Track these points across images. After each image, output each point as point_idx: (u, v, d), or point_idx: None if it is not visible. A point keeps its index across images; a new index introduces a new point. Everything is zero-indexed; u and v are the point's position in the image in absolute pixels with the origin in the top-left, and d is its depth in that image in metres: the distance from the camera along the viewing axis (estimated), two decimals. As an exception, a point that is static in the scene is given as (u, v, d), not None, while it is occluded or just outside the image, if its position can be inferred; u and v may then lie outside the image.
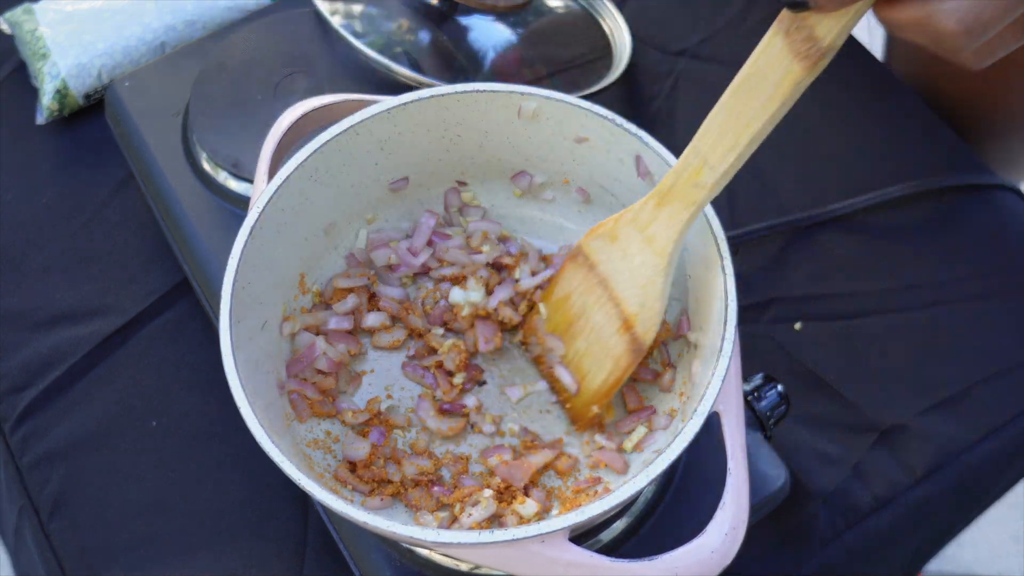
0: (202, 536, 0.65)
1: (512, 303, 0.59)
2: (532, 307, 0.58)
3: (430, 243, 0.61)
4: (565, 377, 0.56)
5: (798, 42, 0.41)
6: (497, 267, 0.61)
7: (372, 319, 0.59)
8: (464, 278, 0.60)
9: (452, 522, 0.53)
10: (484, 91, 0.56)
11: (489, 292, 0.59)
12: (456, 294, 0.59)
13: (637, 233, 0.51)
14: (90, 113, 0.82)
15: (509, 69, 0.75)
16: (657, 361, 0.58)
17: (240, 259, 0.51)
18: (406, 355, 0.59)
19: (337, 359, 0.57)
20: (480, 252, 0.61)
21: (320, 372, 0.57)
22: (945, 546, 0.81)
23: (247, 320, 0.51)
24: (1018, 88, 0.87)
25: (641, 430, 0.55)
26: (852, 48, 0.85)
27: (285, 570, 0.64)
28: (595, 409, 0.55)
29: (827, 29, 0.40)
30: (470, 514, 0.52)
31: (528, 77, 0.75)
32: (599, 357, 0.55)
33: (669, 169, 0.53)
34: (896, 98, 0.83)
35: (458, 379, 0.57)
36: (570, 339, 0.56)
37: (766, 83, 0.43)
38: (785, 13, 0.41)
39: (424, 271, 0.61)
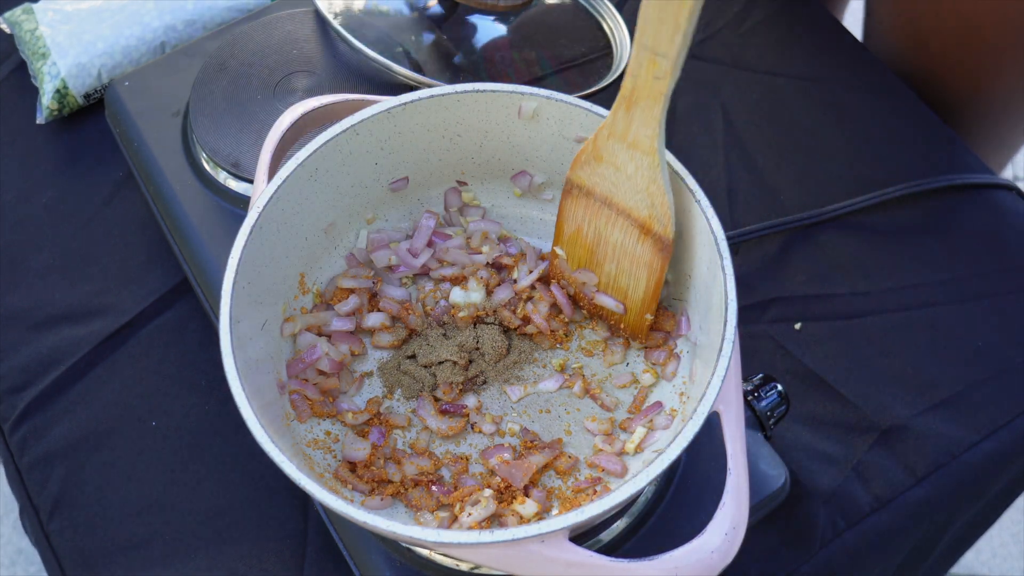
0: (202, 536, 0.65)
1: (511, 304, 0.59)
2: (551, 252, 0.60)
3: (430, 243, 0.61)
4: (608, 302, 0.57)
5: None
6: (497, 267, 0.61)
7: (373, 319, 0.59)
8: (464, 279, 0.60)
9: (452, 522, 0.53)
10: (484, 91, 0.56)
11: (489, 292, 0.60)
12: (456, 294, 0.59)
13: (619, 143, 0.52)
14: (90, 113, 0.82)
15: (509, 69, 0.75)
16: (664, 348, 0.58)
17: (240, 259, 0.51)
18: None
19: (339, 359, 0.57)
20: (480, 252, 0.61)
21: (321, 372, 0.57)
22: (966, 551, 0.82)
23: (247, 320, 0.51)
24: (991, 68, 0.87)
25: (641, 431, 0.55)
26: (852, 48, 0.85)
27: (285, 570, 0.64)
28: (648, 317, 0.56)
29: None
30: (470, 514, 0.52)
31: (528, 77, 0.75)
32: (632, 270, 0.56)
33: (669, 169, 0.53)
34: (896, 98, 0.83)
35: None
36: (598, 267, 0.57)
37: None
38: None
39: (424, 271, 0.61)
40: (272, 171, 0.55)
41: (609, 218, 0.55)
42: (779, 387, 0.62)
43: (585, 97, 0.63)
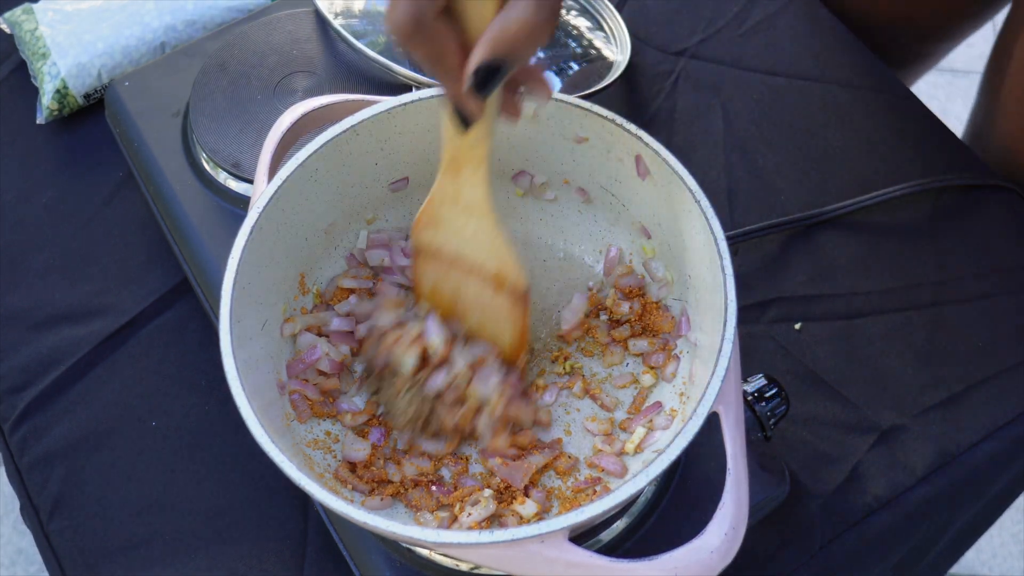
0: (202, 536, 0.65)
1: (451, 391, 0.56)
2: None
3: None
4: (481, 347, 0.56)
5: None
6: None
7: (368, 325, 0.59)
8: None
9: (452, 522, 0.53)
10: (484, 91, 0.56)
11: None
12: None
13: (454, 207, 0.53)
14: (90, 113, 0.82)
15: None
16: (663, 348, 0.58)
17: (240, 259, 0.51)
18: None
19: (339, 360, 0.57)
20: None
21: (321, 373, 0.57)
22: (968, 548, 0.81)
23: (247, 320, 0.51)
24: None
25: (641, 431, 0.55)
26: (852, 48, 0.85)
27: (285, 570, 0.64)
28: (524, 357, 0.57)
29: None
30: (470, 514, 0.52)
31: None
32: (495, 321, 0.56)
33: (669, 169, 0.53)
34: (896, 98, 0.83)
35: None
36: (462, 319, 0.57)
37: None
38: None
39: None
40: (272, 171, 0.55)
41: (461, 275, 0.55)
42: (779, 387, 0.62)
43: (585, 97, 0.63)
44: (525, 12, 0.42)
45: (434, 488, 0.54)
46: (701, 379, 0.49)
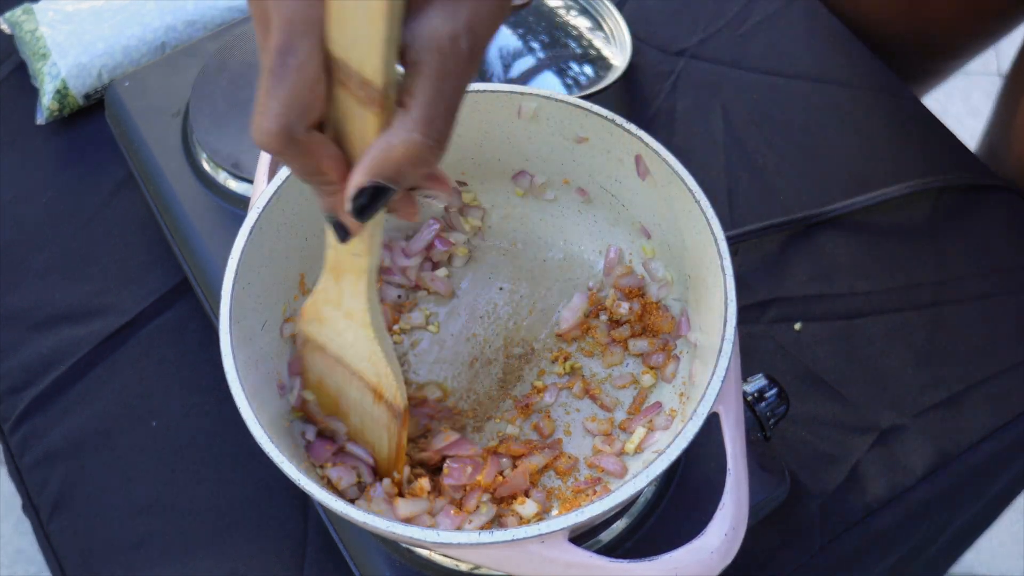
0: (202, 536, 0.65)
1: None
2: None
3: (431, 247, 0.61)
4: (358, 451, 0.53)
5: None
6: None
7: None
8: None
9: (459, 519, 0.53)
10: (484, 91, 0.56)
11: None
12: None
13: (336, 311, 0.50)
14: (90, 113, 0.82)
15: (509, 69, 0.75)
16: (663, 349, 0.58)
17: (240, 259, 0.51)
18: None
19: None
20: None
21: None
22: (968, 548, 0.81)
23: (247, 320, 0.51)
24: (934, 4, 0.88)
25: (641, 431, 0.55)
26: (852, 48, 0.85)
27: (285, 570, 0.64)
28: (396, 476, 0.53)
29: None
30: (471, 522, 0.52)
31: (528, 77, 0.75)
32: (374, 428, 0.53)
33: (669, 169, 0.53)
34: (896, 98, 0.83)
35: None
36: (344, 417, 0.54)
37: None
38: None
39: (415, 287, 0.61)
40: (272, 171, 0.55)
41: (344, 376, 0.52)
42: (779, 387, 0.62)
43: (585, 97, 0.63)
44: (412, 134, 0.38)
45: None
46: (701, 379, 0.49)
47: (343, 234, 0.44)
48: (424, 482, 0.52)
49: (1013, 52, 0.90)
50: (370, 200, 0.40)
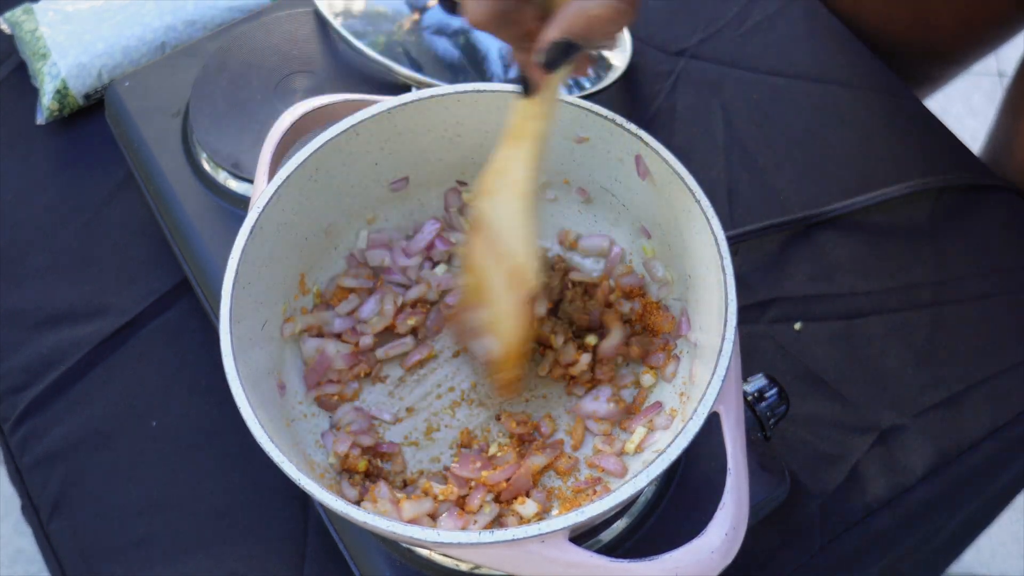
0: (202, 536, 0.65)
1: None
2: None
3: (431, 246, 0.61)
4: (487, 344, 0.55)
5: None
6: None
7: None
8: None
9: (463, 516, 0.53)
10: (484, 91, 0.56)
11: None
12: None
13: (502, 180, 0.52)
14: (90, 113, 0.82)
15: (509, 69, 0.75)
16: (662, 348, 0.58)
17: (240, 259, 0.51)
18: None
19: (350, 352, 0.58)
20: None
21: (339, 372, 0.57)
22: (967, 548, 0.81)
23: (247, 320, 0.51)
24: (939, 7, 0.87)
25: (641, 431, 0.55)
26: (852, 48, 0.85)
27: (285, 570, 0.64)
28: (514, 372, 0.55)
29: None
30: (475, 522, 0.52)
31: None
32: (506, 321, 0.54)
33: (669, 169, 0.53)
34: (896, 98, 0.83)
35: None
36: (487, 307, 0.55)
37: None
38: None
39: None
40: (272, 171, 0.55)
41: (495, 259, 0.53)
42: (779, 387, 0.62)
43: (585, 97, 0.63)
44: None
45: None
46: (701, 379, 0.49)
47: (529, 88, 0.48)
48: (432, 484, 0.52)
49: (1015, 55, 0.90)
50: (558, 55, 0.44)
